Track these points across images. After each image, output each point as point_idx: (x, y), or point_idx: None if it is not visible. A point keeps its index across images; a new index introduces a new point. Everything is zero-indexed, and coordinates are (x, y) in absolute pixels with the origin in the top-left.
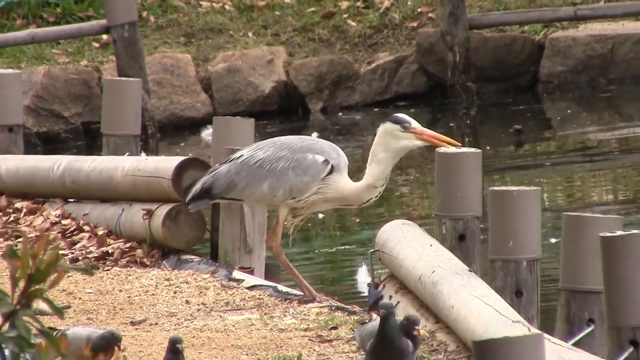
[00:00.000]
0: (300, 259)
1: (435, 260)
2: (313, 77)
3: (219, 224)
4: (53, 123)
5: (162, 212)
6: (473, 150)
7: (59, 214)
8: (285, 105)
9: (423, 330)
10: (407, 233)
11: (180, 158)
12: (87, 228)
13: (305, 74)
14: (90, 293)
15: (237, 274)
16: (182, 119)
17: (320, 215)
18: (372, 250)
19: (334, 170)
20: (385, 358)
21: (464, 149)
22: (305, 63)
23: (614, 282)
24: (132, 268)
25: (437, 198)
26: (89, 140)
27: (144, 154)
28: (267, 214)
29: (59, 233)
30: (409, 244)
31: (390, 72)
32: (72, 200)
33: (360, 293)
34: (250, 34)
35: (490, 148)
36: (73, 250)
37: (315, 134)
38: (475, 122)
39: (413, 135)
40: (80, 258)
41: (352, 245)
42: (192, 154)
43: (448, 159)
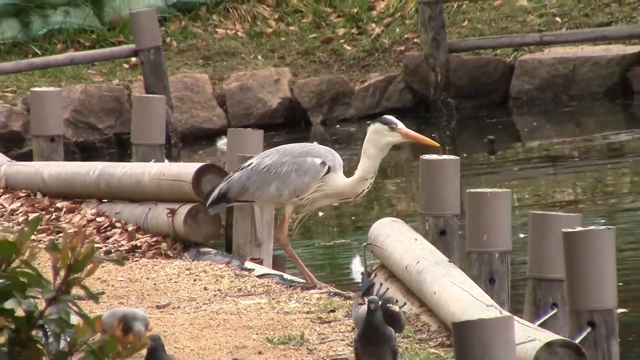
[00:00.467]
0: (303, 252)
1: (420, 253)
2: (314, 94)
3: (233, 221)
4: (89, 134)
5: (183, 211)
6: (452, 157)
7: (95, 213)
8: (290, 119)
9: (403, 310)
10: (395, 229)
11: (199, 164)
12: (118, 225)
13: (307, 92)
14: (122, 281)
15: (248, 264)
16: (200, 131)
17: (320, 214)
18: (365, 244)
19: (331, 170)
20: (372, 343)
21: (444, 156)
22: (307, 82)
23: (574, 271)
24: (157, 259)
25: (421, 199)
26: (120, 149)
27: (167, 161)
28: (274, 213)
29: (94, 229)
30: (397, 238)
31: (381, 89)
32: (105, 201)
33: (355, 281)
34: (260, 57)
35: (467, 155)
36: (106, 244)
37: (315, 144)
38: (454, 133)
39: (398, 134)
40: (113, 250)
41: (347, 240)
42: (209, 161)
43: (430, 165)
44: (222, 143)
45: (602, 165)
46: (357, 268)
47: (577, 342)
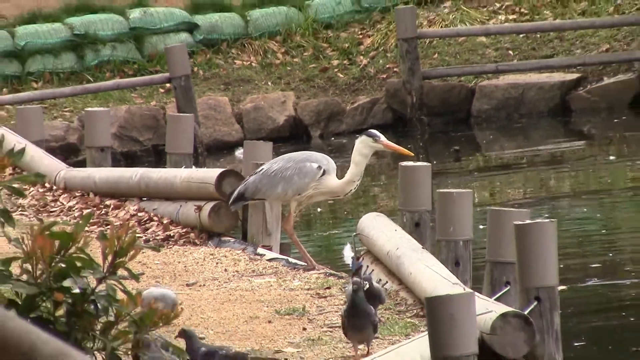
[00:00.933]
0: (304, 240)
1: (399, 241)
2: (313, 113)
3: (248, 216)
4: (132, 145)
5: (208, 207)
6: (425, 164)
7: (136, 209)
8: (294, 133)
9: (385, 287)
10: (379, 222)
11: (221, 169)
12: (155, 218)
13: (308, 111)
14: (158, 264)
15: (260, 250)
16: (221, 142)
17: (319, 210)
18: (354, 234)
19: (326, 173)
20: (356, 317)
21: (419, 163)
22: (308, 103)
23: (523, 256)
24: (187, 246)
25: (399, 197)
26: (157, 157)
27: (195, 167)
28: (281, 208)
29: (136, 222)
30: (380, 230)
31: (367, 109)
32: (145, 199)
33: (346, 264)
34: (269, 83)
35: (437, 162)
36: (146, 234)
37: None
38: (427, 144)
39: (381, 145)
40: (151, 239)
41: (340, 230)
42: (228, 167)
43: (407, 170)
44: (239, 153)
45: (546, 170)
46: (348, 253)
47: (526, 313)
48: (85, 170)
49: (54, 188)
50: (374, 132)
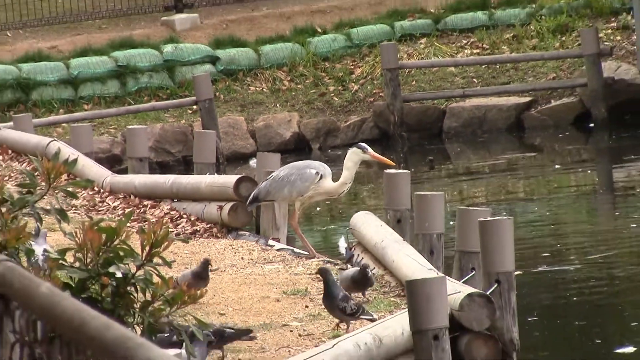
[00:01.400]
0: (306, 233)
1: (384, 234)
2: (314, 129)
3: (260, 213)
4: (165, 156)
5: (227, 206)
6: (405, 171)
7: (169, 208)
8: (298, 146)
9: (373, 272)
10: (367, 218)
11: (238, 176)
12: (184, 216)
13: (310, 128)
14: (186, 253)
15: (270, 242)
16: (239, 154)
17: (318, 209)
18: (347, 229)
19: (323, 177)
20: (326, 298)
21: (400, 171)
22: (309, 122)
23: (486, 246)
24: (210, 239)
25: (384, 198)
26: (186, 166)
27: (216, 174)
28: (287, 208)
29: (169, 219)
30: (369, 225)
31: (358, 126)
32: (176, 200)
33: (341, 253)
34: (278, 105)
35: (415, 170)
36: (177, 229)
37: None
38: (406, 155)
39: (368, 156)
40: (181, 233)
41: (336, 225)
42: (244, 174)
43: (391, 176)
44: (253, 162)
45: (504, 176)
46: (342, 244)
47: (488, 293)
48: (127, 177)
49: (101, 191)
50: (364, 145)
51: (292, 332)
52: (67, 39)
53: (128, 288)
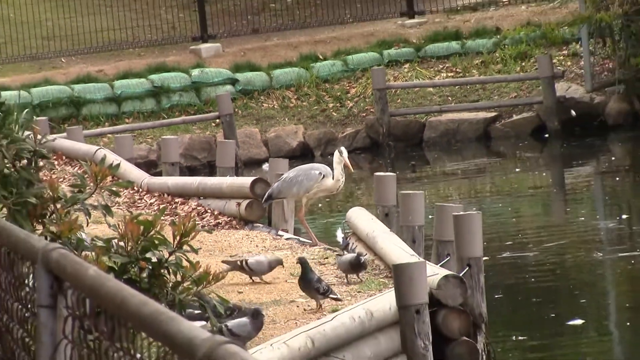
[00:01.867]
0: (310, 225)
1: (374, 226)
2: (316, 139)
3: (272, 209)
4: (193, 161)
5: (244, 203)
6: (392, 174)
7: (196, 205)
8: (303, 153)
9: (366, 258)
10: (361, 213)
11: (253, 178)
12: (209, 211)
13: (313, 138)
14: (210, 242)
15: (280, 232)
16: (253, 160)
17: (320, 205)
18: (344, 221)
19: (324, 177)
20: (303, 280)
21: (388, 173)
22: (313, 133)
23: (459, 236)
24: (230, 230)
25: (374, 197)
26: (210, 170)
27: (235, 176)
28: (294, 204)
29: (196, 213)
30: (362, 218)
31: (352, 137)
32: (202, 198)
33: (338, 242)
34: (286, 119)
35: (400, 173)
36: (202, 222)
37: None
38: (393, 161)
39: (342, 159)
40: (206, 225)
41: (334, 219)
42: (258, 176)
43: (380, 178)
44: (265, 166)
45: (473, 178)
46: (340, 234)
47: (460, 275)
48: (161, 178)
49: (140, 190)
50: (343, 150)
51: (298, 307)
52: (111, 64)
53: (162, 271)
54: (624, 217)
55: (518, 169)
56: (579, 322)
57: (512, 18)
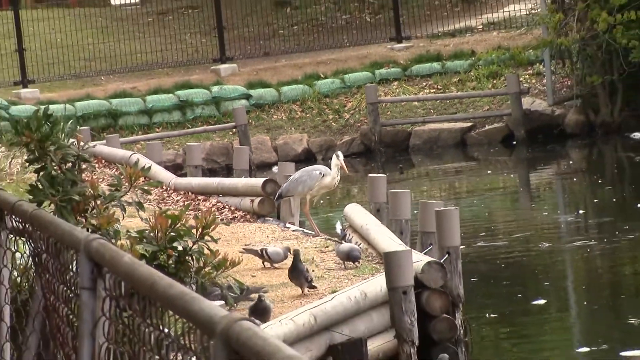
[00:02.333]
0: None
1: (368, 219)
2: (318, 145)
3: (280, 205)
4: (213, 164)
5: (257, 200)
6: (383, 175)
7: (216, 201)
8: (307, 157)
9: (360, 247)
10: (356, 208)
11: (264, 178)
12: (227, 207)
13: (315, 145)
14: (228, 233)
15: (287, 225)
16: (265, 163)
17: (321, 201)
18: (342, 215)
19: (325, 176)
20: (294, 270)
21: (379, 175)
22: (315, 140)
23: (440, 228)
24: (245, 223)
25: (368, 195)
26: (228, 172)
27: (249, 177)
28: (300, 200)
29: (215, 209)
30: (357, 213)
31: (349, 144)
32: (220, 196)
33: (337, 233)
34: (293, 129)
35: (389, 175)
36: (221, 216)
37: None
38: (383, 164)
39: (339, 162)
40: (224, 219)
41: (334, 213)
42: (269, 177)
43: (373, 179)
44: (275, 169)
45: (453, 178)
46: (338, 227)
47: (441, 261)
48: (186, 179)
49: (168, 189)
50: (340, 154)
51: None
52: (143, 82)
53: (186, 258)
54: (581, 212)
55: (490, 171)
56: (542, 301)
57: (485, 42)
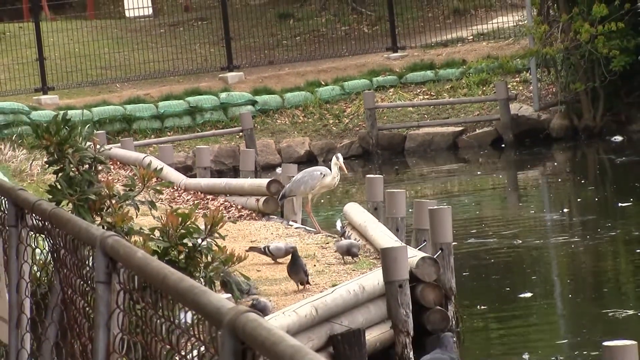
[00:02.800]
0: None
1: (366, 217)
2: (319, 148)
3: (284, 204)
4: (221, 166)
5: (262, 199)
6: (380, 176)
7: (223, 200)
8: (309, 159)
9: (359, 243)
10: (355, 207)
11: (269, 179)
12: (234, 205)
13: (317, 147)
14: (235, 230)
15: (290, 223)
16: (269, 165)
17: (322, 201)
18: (342, 213)
19: (325, 176)
20: (294, 266)
21: (376, 176)
22: (317, 143)
23: (433, 225)
24: (251, 221)
25: (366, 194)
26: (235, 173)
27: (255, 178)
28: (302, 200)
29: (223, 207)
30: (356, 211)
31: (348, 146)
32: (228, 195)
33: (337, 230)
34: (295, 133)
35: (386, 175)
36: (228, 214)
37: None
38: (380, 166)
39: (339, 163)
40: (231, 217)
41: (334, 212)
42: (273, 178)
43: (370, 179)
44: (279, 170)
45: (445, 178)
46: (338, 224)
47: (435, 257)
48: (196, 180)
49: (179, 189)
50: (340, 156)
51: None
52: (156, 89)
53: (196, 253)
54: (565, 210)
55: (480, 172)
56: (529, 294)
57: (475, 52)
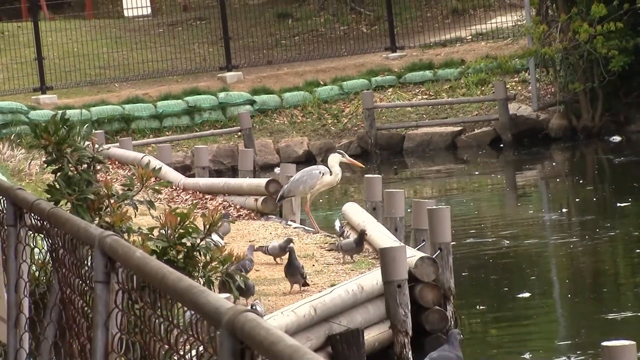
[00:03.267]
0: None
1: (364, 217)
2: (318, 148)
3: (282, 203)
4: (219, 166)
5: (260, 199)
6: (378, 176)
7: (222, 200)
8: (308, 159)
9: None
10: (354, 207)
11: (267, 179)
12: (232, 205)
13: (315, 147)
14: (233, 230)
15: (289, 222)
16: (268, 164)
17: (320, 200)
18: (340, 213)
19: (324, 175)
20: (291, 267)
21: (375, 175)
22: (315, 143)
23: (432, 225)
24: (249, 220)
25: (364, 194)
26: (233, 172)
27: (253, 178)
28: (301, 200)
29: (221, 207)
30: (354, 211)
31: (347, 146)
32: (226, 195)
33: (336, 230)
34: (294, 132)
35: (384, 175)
36: (227, 214)
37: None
38: (379, 166)
39: (345, 159)
40: (230, 216)
41: (333, 212)
42: (272, 177)
43: (369, 179)
44: (277, 170)
45: (443, 179)
46: (337, 224)
47: (433, 257)
48: (194, 179)
49: (177, 189)
50: (341, 151)
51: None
52: (155, 88)
53: (194, 253)
54: (564, 210)
55: (478, 172)
56: (527, 294)
57: (474, 52)
